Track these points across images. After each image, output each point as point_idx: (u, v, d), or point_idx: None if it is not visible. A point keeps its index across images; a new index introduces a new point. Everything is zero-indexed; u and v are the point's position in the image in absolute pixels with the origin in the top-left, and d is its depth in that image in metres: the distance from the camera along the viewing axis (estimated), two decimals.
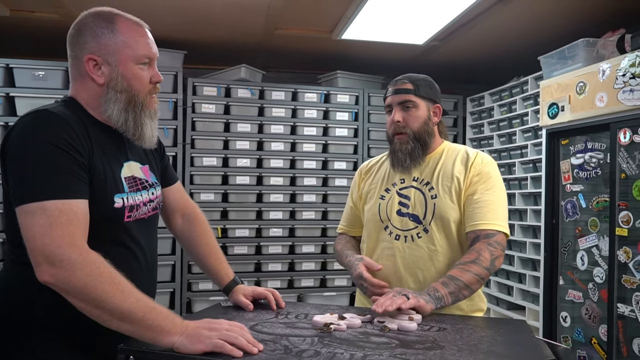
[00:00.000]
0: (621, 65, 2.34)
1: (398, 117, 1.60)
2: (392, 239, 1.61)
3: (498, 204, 1.54)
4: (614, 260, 2.42)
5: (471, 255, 1.46)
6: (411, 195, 1.62)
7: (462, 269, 1.44)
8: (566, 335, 2.82)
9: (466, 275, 1.43)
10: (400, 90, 1.61)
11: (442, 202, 1.56)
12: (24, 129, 1.09)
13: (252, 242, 3.59)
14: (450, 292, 1.40)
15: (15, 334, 1.15)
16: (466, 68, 4.09)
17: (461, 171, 1.58)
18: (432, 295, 1.37)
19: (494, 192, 1.55)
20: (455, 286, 1.41)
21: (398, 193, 1.64)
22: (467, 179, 1.56)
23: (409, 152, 1.60)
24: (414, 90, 1.60)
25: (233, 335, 1.02)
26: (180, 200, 1.52)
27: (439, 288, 1.40)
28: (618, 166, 2.41)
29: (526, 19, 2.98)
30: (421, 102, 1.61)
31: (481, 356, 1.03)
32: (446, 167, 1.61)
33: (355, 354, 1.02)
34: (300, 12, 2.96)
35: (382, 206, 1.65)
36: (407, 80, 1.62)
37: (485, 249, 1.46)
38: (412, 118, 1.60)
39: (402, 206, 1.62)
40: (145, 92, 1.23)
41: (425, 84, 1.64)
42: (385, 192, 1.67)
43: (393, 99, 1.62)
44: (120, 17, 1.22)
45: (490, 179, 1.56)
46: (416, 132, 1.60)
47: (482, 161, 1.59)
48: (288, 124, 3.68)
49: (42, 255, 1.01)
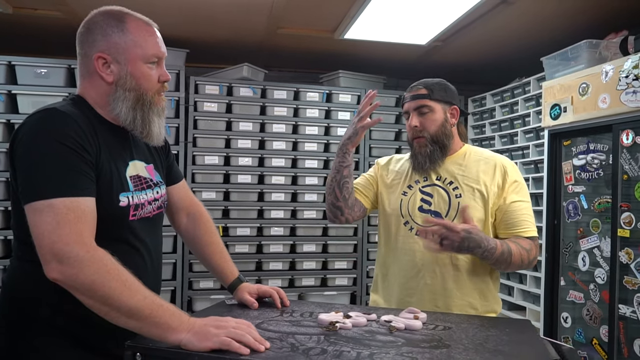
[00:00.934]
0: (624, 67, 2.35)
1: (415, 122, 1.64)
2: (412, 234, 1.63)
3: (531, 212, 1.62)
4: (615, 261, 2.43)
5: (526, 244, 1.55)
6: (434, 193, 1.64)
7: (516, 244, 1.52)
8: (567, 336, 2.82)
9: (517, 249, 1.50)
10: (415, 96, 1.66)
11: (465, 201, 1.59)
12: (32, 128, 1.09)
13: (253, 241, 3.59)
14: (502, 250, 1.47)
15: (22, 330, 1.15)
16: (468, 68, 4.10)
17: (488, 175, 1.61)
18: (485, 240, 1.45)
19: (528, 202, 1.62)
20: (507, 251, 1.49)
21: (421, 190, 1.67)
22: (497, 185, 1.60)
23: (428, 154, 1.63)
24: (429, 94, 1.64)
25: (240, 333, 1.02)
26: (185, 199, 1.52)
27: (497, 244, 1.47)
28: (620, 167, 2.41)
29: (529, 20, 2.98)
30: (437, 105, 1.64)
31: (487, 355, 1.04)
32: (470, 169, 1.64)
33: (361, 352, 1.02)
34: (303, 11, 2.96)
35: (403, 202, 1.68)
36: (422, 86, 1.66)
37: (535, 249, 1.57)
38: (428, 122, 1.64)
39: (424, 203, 1.65)
40: (153, 90, 1.24)
41: (440, 87, 1.67)
42: (407, 188, 1.70)
43: (409, 105, 1.67)
44: (130, 16, 1.22)
45: (523, 189, 1.63)
46: (433, 135, 1.63)
47: (513, 169, 1.65)
48: (290, 123, 3.69)
49: (51, 252, 1.01)
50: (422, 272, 1.60)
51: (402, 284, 1.64)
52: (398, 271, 1.64)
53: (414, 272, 1.61)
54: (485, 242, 1.45)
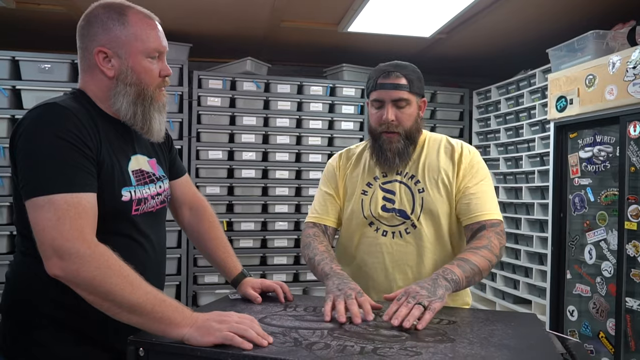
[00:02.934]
0: (632, 58, 2.31)
1: (391, 116, 1.49)
2: (378, 235, 1.56)
3: (492, 194, 1.52)
4: (622, 254, 2.40)
5: (482, 241, 1.41)
6: (396, 189, 1.55)
7: (474, 252, 1.38)
8: (573, 330, 2.81)
9: (480, 260, 1.36)
10: (394, 86, 1.49)
11: (430, 196, 1.52)
12: (32, 123, 1.09)
13: (258, 236, 3.59)
14: (466, 276, 1.32)
15: (25, 324, 1.15)
16: (473, 61, 4.06)
17: (448, 164, 1.54)
18: (448, 279, 1.28)
19: (486, 183, 1.52)
20: (470, 270, 1.33)
21: (381, 188, 1.57)
22: (456, 171, 1.52)
23: (398, 151, 1.51)
24: (409, 86, 1.49)
25: (243, 328, 1.01)
26: (188, 193, 1.51)
27: (455, 271, 1.31)
28: (627, 159, 2.39)
29: (534, 11, 2.94)
30: (413, 98, 1.52)
31: (493, 349, 1.03)
32: (431, 159, 1.56)
33: (365, 347, 1.01)
34: (306, 4, 2.94)
35: (365, 202, 1.58)
36: (401, 74, 1.50)
37: (495, 237, 1.43)
38: (405, 116, 1.51)
39: (387, 201, 1.55)
40: (154, 85, 1.23)
41: (417, 76, 1.53)
42: (367, 186, 1.59)
43: (385, 94, 1.50)
44: (131, 9, 1.20)
45: (480, 170, 1.53)
46: (408, 131, 1.52)
47: (470, 152, 1.55)
48: (293, 117, 3.67)
49: (51, 248, 1.00)
50: (392, 274, 1.54)
51: (371, 287, 1.54)
52: (365, 274, 1.56)
53: (384, 275, 1.55)
54: (442, 281, 1.28)
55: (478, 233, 1.46)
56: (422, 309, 1.17)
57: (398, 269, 1.53)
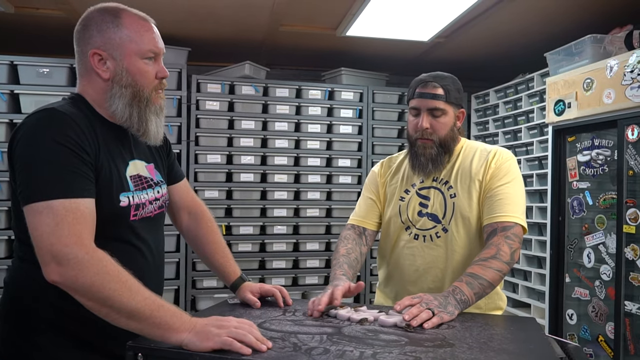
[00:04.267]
0: (629, 62, 2.32)
1: (426, 124, 1.55)
2: (411, 239, 1.61)
3: (516, 197, 1.51)
4: (621, 257, 2.41)
5: (491, 251, 1.42)
6: (431, 195, 1.61)
7: (483, 266, 1.39)
8: (572, 333, 2.81)
9: (489, 273, 1.38)
10: (431, 95, 1.55)
11: (461, 201, 1.55)
12: (31, 128, 1.08)
13: (257, 240, 3.58)
14: (475, 293, 1.35)
15: (24, 330, 1.15)
16: (471, 65, 4.07)
17: (480, 168, 1.56)
18: (457, 300, 1.32)
19: (513, 186, 1.52)
20: (479, 286, 1.36)
21: (418, 194, 1.63)
22: (486, 174, 1.55)
23: (432, 157, 1.57)
24: (445, 96, 1.55)
25: (242, 333, 1.01)
26: (187, 198, 1.51)
27: (464, 290, 1.34)
28: (625, 163, 2.39)
29: (532, 15, 2.95)
30: (450, 108, 1.57)
31: (492, 354, 1.02)
32: (464, 165, 1.59)
33: (364, 352, 1.01)
34: (305, 8, 2.94)
35: (402, 207, 1.64)
36: (438, 85, 1.55)
37: (504, 243, 1.42)
38: (440, 125, 1.56)
39: (422, 207, 1.61)
40: (150, 87, 1.22)
41: (455, 88, 1.58)
42: (404, 193, 1.65)
43: (422, 103, 1.56)
44: (125, 11, 1.21)
45: (509, 173, 1.54)
46: (442, 139, 1.56)
47: (502, 156, 1.57)
48: (292, 121, 3.67)
49: (49, 254, 1.00)
50: (424, 276, 1.58)
51: (405, 287, 1.61)
52: (400, 275, 1.63)
53: (416, 276, 1.60)
54: (452, 299, 1.31)
55: (490, 237, 1.47)
56: (430, 314, 1.23)
57: (429, 271, 1.58)
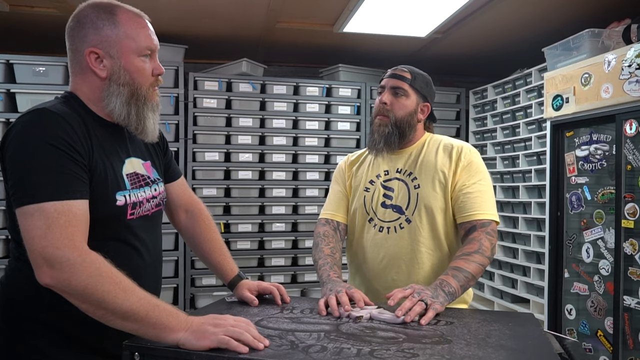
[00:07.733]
0: (627, 56, 2.31)
1: (386, 98, 1.60)
2: (376, 231, 1.61)
3: (489, 194, 1.56)
4: (620, 252, 2.40)
5: (473, 246, 1.45)
6: (395, 186, 1.62)
7: (467, 260, 1.42)
8: (571, 328, 2.81)
9: (472, 266, 1.41)
10: (397, 76, 1.61)
11: (425, 192, 1.56)
12: (22, 129, 1.07)
13: (255, 237, 3.58)
14: (461, 286, 1.38)
15: (21, 330, 1.14)
16: (469, 60, 4.06)
17: (445, 161, 1.58)
18: (446, 292, 1.34)
19: (483, 183, 1.56)
20: (464, 278, 1.39)
21: (382, 185, 1.64)
22: (453, 169, 1.56)
23: (384, 135, 1.59)
24: (410, 80, 1.60)
25: (239, 331, 1.00)
26: (184, 196, 1.50)
27: (451, 282, 1.37)
28: (624, 158, 2.39)
29: (530, 10, 2.94)
30: (413, 93, 1.60)
31: (490, 350, 1.02)
32: (429, 157, 1.61)
33: (362, 349, 1.00)
34: (302, 5, 2.93)
35: (367, 198, 1.65)
36: (407, 70, 1.62)
37: (485, 238, 1.46)
38: (398, 104, 1.59)
39: (386, 198, 1.62)
40: (147, 84, 1.21)
41: (423, 79, 1.63)
42: (369, 184, 1.66)
43: (387, 82, 1.62)
44: (120, 8, 1.19)
45: (479, 170, 1.57)
46: (398, 119, 1.59)
47: (469, 151, 1.59)
48: (290, 118, 3.67)
49: (42, 257, 0.99)
50: (387, 268, 1.59)
51: (371, 280, 1.63)
52: (366, 268, 1.63)
53: (380, 268, 1.60)
54: (441, 291, 1.33)
55: (470, 234, 1.51)
56: (424, 306, 1.25)
57: (393, 263, 1.58)
